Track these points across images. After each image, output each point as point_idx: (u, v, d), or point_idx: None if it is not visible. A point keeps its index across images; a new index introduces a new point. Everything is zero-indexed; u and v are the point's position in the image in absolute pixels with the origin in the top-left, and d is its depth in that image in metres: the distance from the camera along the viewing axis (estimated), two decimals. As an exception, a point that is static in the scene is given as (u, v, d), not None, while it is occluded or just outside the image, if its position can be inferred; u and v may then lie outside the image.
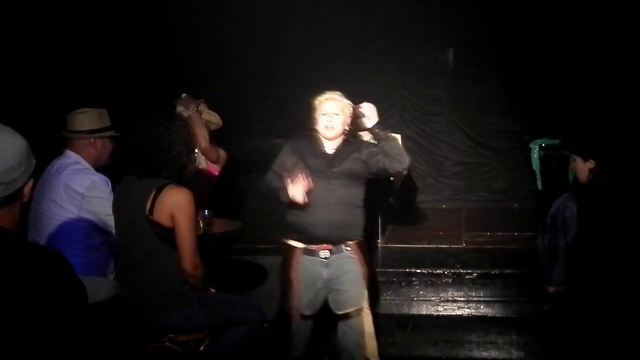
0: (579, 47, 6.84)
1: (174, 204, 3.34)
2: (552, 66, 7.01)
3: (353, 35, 7.65)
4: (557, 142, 5.59)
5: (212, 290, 3.72)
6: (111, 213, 3.58)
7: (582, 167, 3.69)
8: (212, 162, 5.10)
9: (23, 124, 2.11)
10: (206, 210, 4.52)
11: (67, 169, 3.92)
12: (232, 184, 6.61)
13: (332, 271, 3.99)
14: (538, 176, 5.84)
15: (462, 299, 5.36)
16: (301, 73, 7.45)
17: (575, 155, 3.75)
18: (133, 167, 3.45)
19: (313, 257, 3.98)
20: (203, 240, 3.85)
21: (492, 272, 5.42)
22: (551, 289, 3.74)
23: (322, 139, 4.04)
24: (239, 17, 7.43)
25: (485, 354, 4.90)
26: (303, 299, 4.03)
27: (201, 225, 4.37)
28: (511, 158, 7.56)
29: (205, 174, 5.05)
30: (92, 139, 4.00)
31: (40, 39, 5.59)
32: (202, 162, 4.98)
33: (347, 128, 4.03)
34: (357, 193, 4.02)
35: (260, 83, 7.77)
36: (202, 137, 4.90)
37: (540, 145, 5.79)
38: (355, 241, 4.03)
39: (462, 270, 5.45)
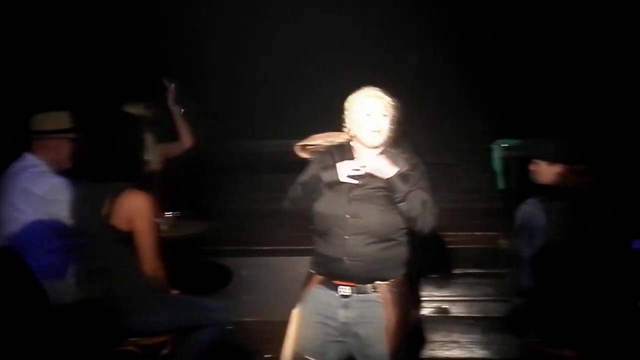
0: (541, 49, 6.92)
1: (132, 209, 3.33)
2: (515, 67, 7.08)
3: (313, 31, 7.64)
4: (517, 142, 5.66)
5: (176, 292, 3.69)
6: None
7: (547, 170, 3.63)
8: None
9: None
10: (171, 212, 4.49)
11: (26, 172, 3.86)
12: (206, 185, 6.60)
13: (351, 315, 3.22)
14: (499, 176, 5.90)
15: (425, 298, 5.38)
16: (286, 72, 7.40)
17: (539, 160, 3.67)
18: (87, 169, 3.42)
19: (329, 291, 3.25)
20: (168, 242, 3.82)
21: (456, 271, 5.45)
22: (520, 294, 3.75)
23: (359, 149, 3.34)
24: (235, 14, 7.35)
25: (448, 353, 4.92)
26: (307, 341, 3.31)
27: (163, 227, 4.33)
28: (474, 158, 7.62)
29: (161, 175, 5.01)
30: (49, 141, 3.95)
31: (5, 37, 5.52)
32: (156, 163, 4.94)
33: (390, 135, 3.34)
34: (393, 222, 3.22)
35: (258, 83, 7.68)
36: (186, 135, 4.93)
37: (501, 146, 5.85)
38: (389, 282, 3.25)
39: (426, 270, 5.47)
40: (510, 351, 4.65)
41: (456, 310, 5.29)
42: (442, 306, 5.32)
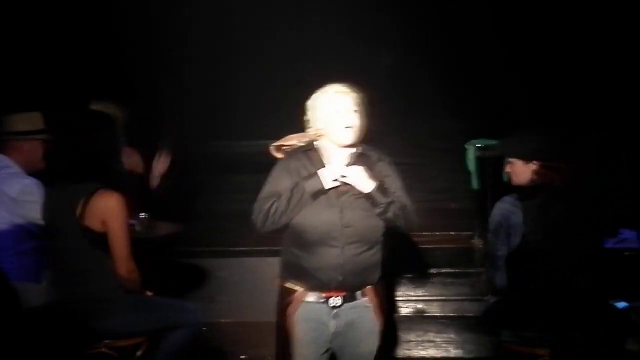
0: (514, 49, 6.96)
1: (105, 210, 3.31)
2: (488, 67, 7.11)
3: (288, 33, 7.63)
4: (492, 142, 5.68)
5: (150, 293, 3.67)
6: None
7: (524, 170, 3.61)
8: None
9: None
10: (144, 214, 4.46)
11: (-2, 173, 3.82)
12: (182, 186, 6.57)
13: (341, 323, 3.16)
14: (474, 176, 5.93)
15: (400, 298, 5.39)
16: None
17: (514, 159, 3.66)
18: (59, 170, 3.40)
19: (319, 305, 3.13)
20: (142, 244, 3.80)
21: (431, 271, 5.47)
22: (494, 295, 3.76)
23: (330, 152, 3.20)
24: (216, 15, 7.31)
25: (424, 353, 4.94)
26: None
27: (138, 228, 4.30)
28: (448, 158, 7.65)
29: (136, 176, 4.98)
30: (22, 142, 3.91)
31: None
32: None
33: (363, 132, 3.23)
34: (379, 226, 3.16)
35: (238, 83, 7.63)
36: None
37: (476, 146, 5.87)
38: (375, 285, 3.24)
39: (400, 270, 5.48)
40: (485, 350, 4.69)
41: (431, 310, 5.31)
42: (418, 306, 5.34)
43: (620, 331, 3.50)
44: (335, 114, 3.16)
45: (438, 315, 5.21)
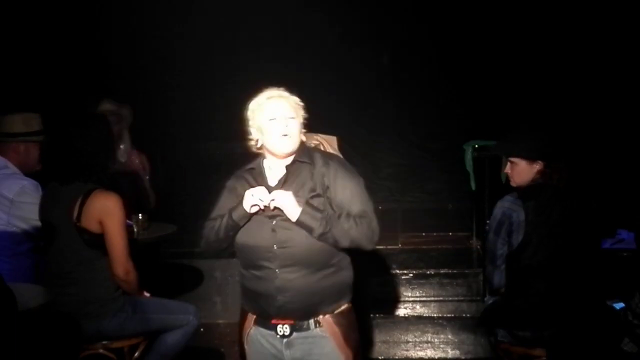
0: (511, 49, 6.96)
1: (102, 210, 3.30)
2: (485, 68, 7.12)
3: (288, 36, 7.63)
4: (490, 143, 5.68)
5: (147, 294, 3.67)
6: (40, 219, 3.51)
7: (527, 170, 3.56)
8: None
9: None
10: (140, 214, 4.46)
11: (-6, 174, 3.81)
12: (179, 186, 6.58)
13: (296, 354, 2.85)
14: (472, 177, 5.93)
15: (398, 299, 5.39)
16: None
17: (518, 159, 3.59)
18: (53, 170, 3.39)
19: (269, 332, 2.85)
20: (138, 245, 3.80)
21: (428, 272, 5.47)
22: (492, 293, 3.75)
23: (269, 163, 2.92)
24: (199, 15, 7.31)
25: (421, 354, 4.94)
26: None
27: (135, 229, 4.30)
28: (445, 159, 7.66)
29: (130, 176, 4.99)
30: (18, 143, 3.90)
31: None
32: (127, 164, 4.93)
33: (302, 139, 2.94)
34: (326, 247, 2.79)
35: (219, 84, 7.63)
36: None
37: (474, 147, 5.88)
38: (334, 314, 2.85)
39: (397, 271, 5.49)
40: (483, 351, 4.69)
41: (428, 310, 5.30)
42: (415, 307, 5.34)
43: (616, 331, 3.50)
44: (268, 122, 2.85)
45: (435, 315, 5.21)
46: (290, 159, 2.90)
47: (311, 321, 2.83)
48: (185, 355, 3.74)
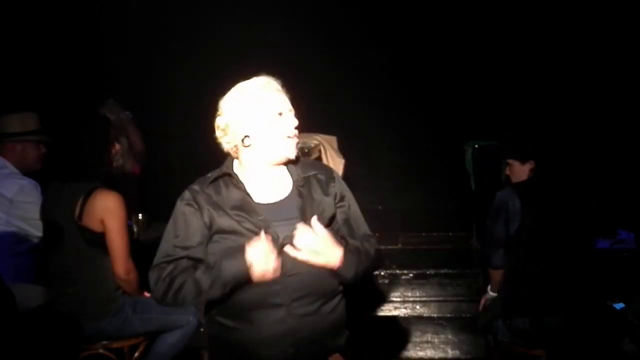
0: (511, 49, 6.96)
1: (104, 209, 3.30)
2: (485, 68, 7.12)
3: (289, 36, 7.64)
4: (490, 143, 5.69)
5: (147, 294, 3.67)
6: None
7: (521, 169, 3.80)
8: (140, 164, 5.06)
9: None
10: (140, 214, 4.46)
11: (-7, 174, 3.81)
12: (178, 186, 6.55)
13: None
14: (472, 177, 5.93)
15: (398, 299, 5.39)
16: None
17: (512, 160, 3.84)
18: (55, 169, 3.40)
19: None
20: (138, 245, 3.80)
21: (428, 272, 5.47)
22: (491, 271, 3.80)
23: (251, 172, 2.37)
24: (202, 14, 7.31)
25: (421, 354, 4.94)
26: None
27: (135, 229, 4.30)
28: (445, 159, 7.66)
29: (132, 177, 4.99)
30: (16, 143, 3.89)
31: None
32: (129, 165, 4.92)
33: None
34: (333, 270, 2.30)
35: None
36: (138, 139, 4.88)
37: (474, 147, 5.88)
38: (340, 353, 2.42)
39: (398, 271, 5.48)
40: (483, 351, 4.68)
41: (428, 310, 5.30)
42: (415, 307, 5.34)
43: (616, 331, 3.53)
44: (275, 118, 2.34)
45: (435, 316, 5.21)
46: (281, 169, 2.38)
47: None
48: (185, 355, 3.73)
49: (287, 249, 2.24)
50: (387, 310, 5.35)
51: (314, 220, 2.27)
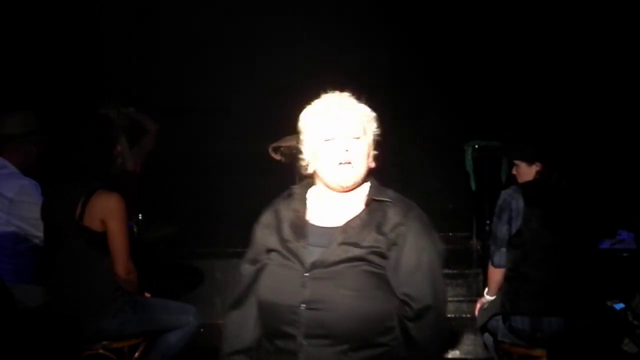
0: (511, 49, 6.96)
1: (105, 210, 3.31)
2: (486, 68, 7.12)
3: (286, 37, 7.63)
4: (490, 143, 5.70)
5: (147, 295, 3.67)
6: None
7: (528, 171, 3.83)
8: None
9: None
10: (140, 215, 4.46)
11: (-7, 174, 3.81)
12: (179, 187, 6.58)
13: None
14: (472, 177, 5.94)
15: (398, 299, 5.39)
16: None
17: (518, 160, 3.87)
18: (56, 169, 3.41)
19: None
20: (138, 245, 3.80)
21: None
22: (492, 271, 3.81)
23: (319, 192, 2.20)
24: (205, 14, 7.30)
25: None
26: None
27: (135, 229, 4.31)
28: (445, 159, 7.66)
29: (133, 176, 4.99)
30: (16, 144, 3.89)
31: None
32: (130, 164, 4.93)
33: (371, 166, 2.20)
34: (379, 315, 2.00)
35: (235, 82, 7.62)
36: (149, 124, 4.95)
37: (474, 147, 5.88)
38: None
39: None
40: (483, 351, 4.68)
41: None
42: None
43: (616, 331, 3.52)
44: (324, 145, 2.13)
45: (435, 315, 5.20)
46: (352, 195, 2.17)
47: None
48: (185, 355, 3.74)
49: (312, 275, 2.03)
50: None
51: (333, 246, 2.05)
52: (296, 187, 2.23)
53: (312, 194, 2.21)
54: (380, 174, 2.44)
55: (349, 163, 2.11)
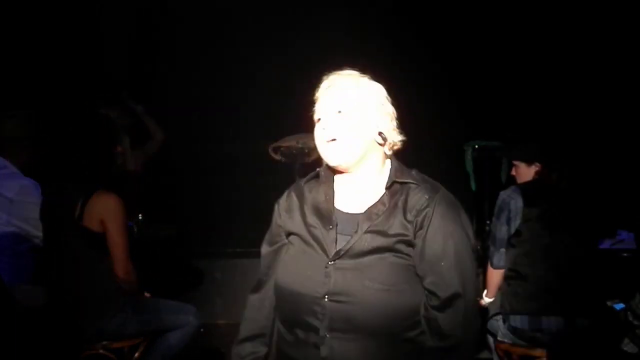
0: (511, 49, 6.97)
1: (104, 210, 3.31)
2: (486, 68, 7.12)
3: (287, 36, 7.63)
4: (490, 143, 5.70)
5: (147, 295, 3.67)
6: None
7: (527, 171, 3.90)
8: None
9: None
10: (140, 215, 4.47)
11: (-7, 174, 3.81)
12: (179, 187, 6.58)
13: None
14: (472, 177, 5.93)
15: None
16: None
17: (518, 161, 3.93)
18: (56, 169, 3.41)
19: None
20: (138, 245, 3.80)
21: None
22: (490, 272, 3.81)
23: (342, 177, 2.10)
24: (204, 14, 7.30)
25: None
26: None
27: (135, 230, 4.31)
28: (445, 159, 7.65)
29: (133, 176, 4.99)
30: (14, 142, 3.89)
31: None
32: (131, 164, 4.93)
33: (382, 143, 2.20)
34: (405, 308, 1.93)
35: (240, 84, 7.62)
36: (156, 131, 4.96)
37: (474, 147, 5.88)
38: None
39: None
40: (481, 351, 4.68)
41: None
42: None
43: (616, 331, 3.53)
44: (314, 124, 2.10)
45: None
46: (372, 177, 2.08)
47: None
48: (185, 355, 3.74)
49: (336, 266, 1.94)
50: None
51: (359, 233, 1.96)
52: (322, 169, 2.13)
53: (338, 178, 2.10)
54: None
55: (334, 140, 2.03)
